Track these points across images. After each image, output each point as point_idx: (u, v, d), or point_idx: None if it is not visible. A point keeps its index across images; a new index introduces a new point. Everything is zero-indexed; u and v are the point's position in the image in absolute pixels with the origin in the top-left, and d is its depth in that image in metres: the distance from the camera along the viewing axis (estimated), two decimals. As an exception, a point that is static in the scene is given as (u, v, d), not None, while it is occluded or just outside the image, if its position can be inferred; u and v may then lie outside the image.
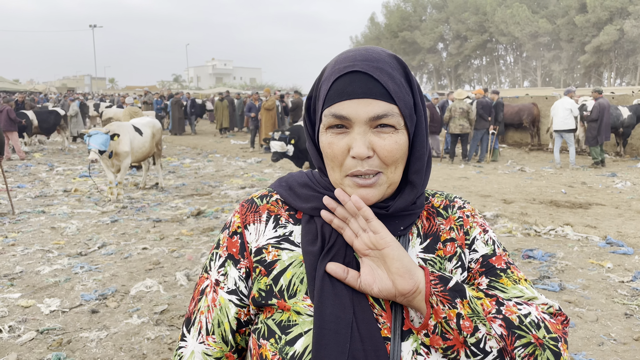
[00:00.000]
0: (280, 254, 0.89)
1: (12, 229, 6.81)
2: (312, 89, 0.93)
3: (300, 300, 0.85)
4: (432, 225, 0.95)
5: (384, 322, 0.83)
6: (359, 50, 0.87)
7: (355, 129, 0.83)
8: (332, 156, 0.85)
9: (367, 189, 0.84)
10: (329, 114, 0.84)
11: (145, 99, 22.47)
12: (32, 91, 35.06)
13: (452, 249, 0.92)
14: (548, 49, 60.55)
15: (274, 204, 0.95)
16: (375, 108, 0.82)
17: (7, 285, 4.83)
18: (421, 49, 68.86)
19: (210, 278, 0.93)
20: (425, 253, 0.91)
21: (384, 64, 0.84)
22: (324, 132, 0.86)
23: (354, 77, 0.83)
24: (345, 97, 0.82)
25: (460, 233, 0.95)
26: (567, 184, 9.78)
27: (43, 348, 3.66)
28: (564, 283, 4.73)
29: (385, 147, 0.83)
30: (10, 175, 11.25)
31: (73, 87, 59.48)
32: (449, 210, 0.98)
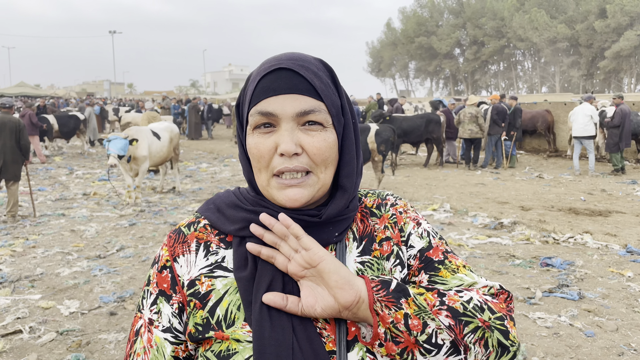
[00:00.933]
0: (214, 283, 0.85)
1: (33, 231, 6.93)
2: (239, 95, 0.90)
3: (239, 328, 0.81)
4: (366, 227, 0.93)
5: (328, 336, 0.81)
6: (285, 53, 0.87)
7: (283, 126, 0.81)
8: (259, 156, 0.82)
9: (296, 189, 0.81)
10: (255, 113, 0.82)
11: (163, 104, 22.73)
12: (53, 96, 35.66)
13: (389, 248, 0.91)
14: (567, 55, 59.89)
15: (202, 231, 0.90)
16: (302, 103, 0.80)
17: (28, 286, 4.91)
18: (437, 55, 68.57)
19: (143, 317, 0.88)
20: (362, 256, 0.89)
21: (310, 64, 0.84)
22: (251, 134, 0.84)
23: (280, 74, 0.81)
24: (271, 94, 0.80)
25: (395, 230, 0.93)
26: (587, 191, 9.65)
27: (62, 349, 3.72)
28: (583, 292, 4.67)
29: (313, 144, 0.81)
30: (31, 178, 11.44)
31: (92, 92, 60.36)
32: (382, 208, 0.96)
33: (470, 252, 5.93)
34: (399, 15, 72.97)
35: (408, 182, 10.75)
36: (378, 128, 9.07)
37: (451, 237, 6.51)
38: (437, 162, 13.27)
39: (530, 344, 3.73)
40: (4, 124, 7.15)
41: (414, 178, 11.34)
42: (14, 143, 7.20)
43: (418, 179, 11.15)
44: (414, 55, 71.13)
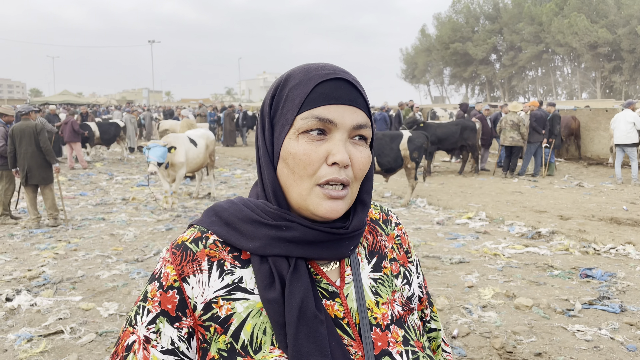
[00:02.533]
0: (234, 306, 0.80)
1: (75, 234, 7.16)
2: (271, 95, 0.85)
3: (268, 353, 0.78)
4: (376, 242, 0.94)
5: (355, 352, 0.81)
6: (327, 63, 0.85)
7: (337, 136, 0.79)
8: (306, 163, 0.78)
9: (337, 201, 0.80)
10: (309, 117, 0.78)
11: (199, 112, 23.15)
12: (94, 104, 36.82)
13: (397, 268, 0.93)
14: (608, 60, 58.17)
15: (212, 247, 0.83)
16: (359, 117, 0.81)
17: (70, 288, 5.07)
18: (473, 61, 67.66)
19: (137, 333, 0.81)
20: (374, 272, 0.90)
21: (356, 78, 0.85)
22: (295, 139, 0.80)
23: (340, 84, 0.80)
24: (333, 102, 0.79)
25: (401, 252, 0.96)
26: (629, 200, 9.33)
27: (102, 350, 3.82)
28: (625, 304, 4.51)
29: (361, 160, 0.81)
30: (73, 183, 11.84)
31: (132, 99, 62.07)
32: (388, 226, 0.98)
33: (507, 261, 5.82)
34: (434, 21, 72.43)
35: (442, 190, 10.62)
36: (411, 135, 9.01)
37: (487, 246, 6.39)
38: (472, 170, 13.07)
39: (569, 358, 3.63)
40: (22, 131, 7.40)
41: (448, 185, 11.20)
42: (35, 148, 7.41)
43: (453, 187, 11.01)
44: (448, 61, 70.37)
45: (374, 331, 0.83)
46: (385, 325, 0.85)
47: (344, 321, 0.83)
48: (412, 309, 0.92)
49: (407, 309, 0.91)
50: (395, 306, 0.89)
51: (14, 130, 7.42)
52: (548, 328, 4.11)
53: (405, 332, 0.87)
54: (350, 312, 0.83)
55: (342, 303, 0.84)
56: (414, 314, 0.93)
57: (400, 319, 0.88)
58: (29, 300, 4.70)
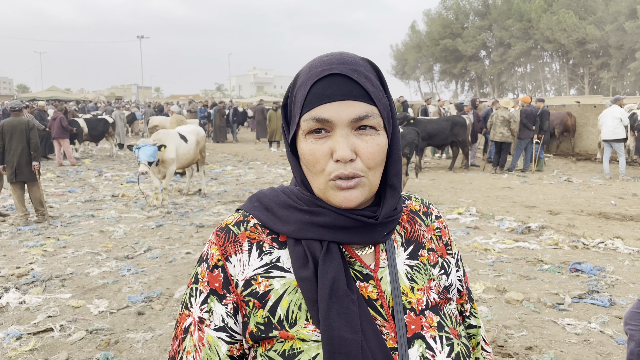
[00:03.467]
0: (271, 283, 0.85)
1: (64, 231, 7.09)
2: (287, 96, 0.90)
3: (302, 327, 0.82)
4: (414, 231, 0.96)
5: (387, 333, 0.83)
6: (333, 54, 0.86)
7: (337, 132, 0.81)
8: (314, 162, 0.82)
9: (350, 191, 0.82)
10: (308, 119, 0.82)
11: (190, 108, 23.02)
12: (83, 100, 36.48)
13: (435, 258, 0.95)
14: (596, 56, 58.64)
15: (253, 230, 0.89)
16: (356, 109, 0.81)
17: (59, 285, 5.03)
18: (463, 57, 67.86)
19: (192, 315, 0.87)
20: (410, 260, 0.92)
21: (360, 67, 0.84)
22: (304, 138, 0.84)
23: (333, 80, 0.81)
24: (326, 100, 0.80)
25: (440, 244, 0.98)
26: (617, 195, 9.42)
27: (92, 347, 3.79)
28: (614, 298, 4.56)
29: (368, 150, 0.82)
30: (61, 180, 11.73)
31: (121, 95, 61.57)
32: (428, 217, 1.00)
33: (497, 256, 5.85)
34: (424, 17, 72.50)
35: (433, 185, 10.66)
36: (402, 131, 9.02)
37: (477, 241, 6.43)
38: (462, 165, 13.13)
39: (559, 351, 3.66)
40: (14, 127, 7.31)
41: (439, 181, 11.24)
42: (25, 144, 7.35)
43: (443, 182, 11.05)
44: (438, 57, 70.52)
45: (407, 314, 0.85)
46: (420, 310, 0.87)
47: (377, 302, 0.85)
48: (449, 299, 0.93)
49: (444, 298, 0.92)
50: (432, 293, 0.90)
51: (4, 126, 7.32)
52: (538, 322, 4.14)
53: (441, 319, 0.88)
54: (384, 295, 0.86)
55: (376, 285, 0.86)
56: (451, 304, 0.93)
57: (436, 305, 0.89)
58: (17, 298, 4.65)
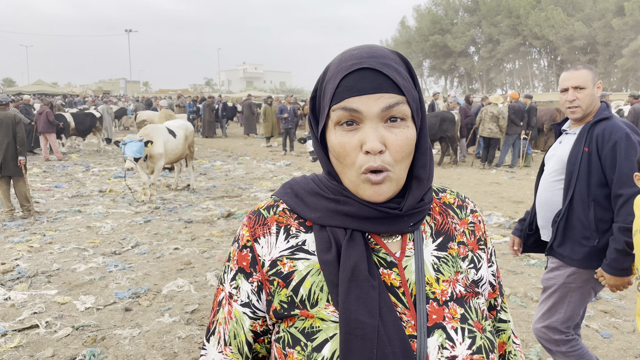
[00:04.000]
0: (295, 264, 0.88)
1: (50, 227, 7.02)
2: (316, 88, 0.91)
3: (323, 308, 0.84)
4: (445, 223, 0.96)
5: (407, 320, 0.84)
6: (363, 48, 0.86)
7: (367, 124, 0.82)
8: (344, 154, 0.84)
9: (379, 186, 0.83)
10: (338, 109, 0.83)
11: (178, 102, 22.88)
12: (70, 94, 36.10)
13: (465, 251, 0.95)
14: (584, 53, 59.14)
15: (281, 214, 0.93)
16: (386, 100, 0.82)
17: (45, 282, 4.98)
18: (452, 53, 68.11)
19: (224, 290, 0.94)
20: (438, 251, 0.92)
21: (390, 60, 0.84)
22: (333, 130, 0.85)
23: (363, 74, 0.82)
24: (356, 93, 0.82)
25: (472, 238, 0.97)
26: (603, 191, 9.51)
27: (78, 344, 3.76)
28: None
29: (397, 142, 0.83)
30: (48, 175, 11.61)
31: (109, 90, 61.01)
32: (462, 211, 0.99)
33: (485, 251, 5.88)
34: (414, 13, 72.65)
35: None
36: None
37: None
38: (451, 161, 13.19)
39: (545, 345, 3.69)
40: (0, 121, 7.23)
41: (427, 177, 11.28)
42: (11, 139, 7.25)
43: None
44: (428, 53, 70.72)
45: (430, 304, 0.86)
46: (444, 300, 0.87)
47: (400, 290, 0.86)
48: (477, 293, 0.93)
49: (471, 291, 0.91)
50: (458, 286, 0.90)
51: None
52: (525, 316, 4.17)
53: (465, 311, 0.88)
54: (407, 283, 0.87)
55: (400, 273, 0.87)
56: (479, 298, 0.93)
57: (461, 298, 0.89)
58: (2, 294, 4.60)
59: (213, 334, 0.95)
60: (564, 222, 2.53)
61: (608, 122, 2.50)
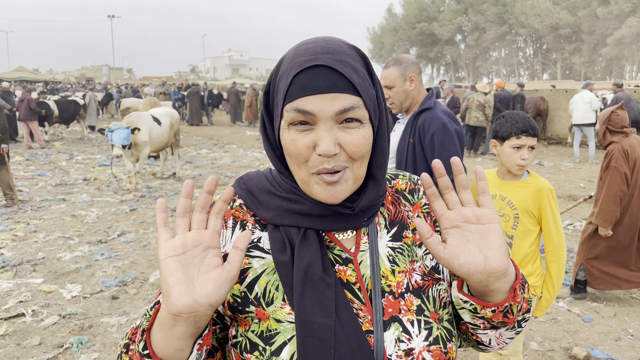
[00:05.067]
0: (250, 262, 0.86)
1: (34, 215, 6.95)
2: (269, 83, 0.87)
3: (279, 308, 0.83)
4: (398, 212, 0.93)
5: (364, 316, 0.83)
6: (319, 41, 0.82)
7: (321, 126, 0.78)
8: (297, 153, 0.80)
9: (335, 187, 0.81)
10: (291, 110, 0.79)
11: (163, 90, 22.63)
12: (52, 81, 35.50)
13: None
14: (569, 41, 59.55)
15: (238, 210, 0.91)
16: (341, 102, 0.78)
17: (30, 270, 4.94)
18: (439, 41, 68.14)
19: None
20: (393, 241, 0.90)
21: (347, 56, 0.81)
22: (286, 129, 0.81)
23: (317, 72, 0.78)
24: (309, 92, 0.77)
25: (428, 220, 0.95)
26: (586, 178, 9.67)
27: (65, 332, 3.76)
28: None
29: (352, 142, 0.79)
30: (31, 163, 11.46)
31: (91, 77, 60.10)
32: (415, 195, 0.97)
33: (470, 238, 5.96)
34: (400, 0, 72.39)
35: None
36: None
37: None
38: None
39: (528, 329, 3.77)
40: None
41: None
42: None
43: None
44: (415, 41, 70.64)
45: (386, 297, 0.85)
46: (400, 293, 0.86)
47: (356, 286, 0.85)
48: (437, 279, 0.91)
49: (430, 279, 0.90)
50: (414, 275, 0.89)
51: None
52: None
53: (422, 302, 0.87)
54: (362, 278, 0.86)
55: (355, 269, 0.86)
56: (440, 284, 0.91)
57: (418, 288, 0.88)
58: (-13, 284, 4.56)
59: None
60: None
61: (429, 112, 2.58)
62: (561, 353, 3.46)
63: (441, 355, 0.84)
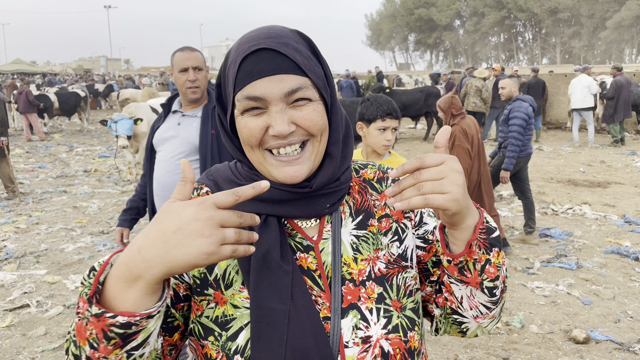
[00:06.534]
0: None
1: (36, 208, 6.98)
2: (219, 75, 0.87)
3: (237, 292, 0.83)
4: (364, 201, 0.94)
5: (323, 303, 0.83)
6: (261, 29, 0.85)
7: (272, 109, 0.80)
8: (249, 135, 0.82)
9: (295, 166, 0.82)
10: (242, 98, 0.81)
11: (161, 80, 22.56)
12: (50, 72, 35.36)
13: (387, 225, 0.93)
14: (568, 25, 59.22)
15: (204, 196, 0.84)
16: (288, 83, 0.79)
17: (33, 262, 4.98)
18: (437, 27, 67.79)
19: None
20: (358, 230, 0.91)
21: (288, 39, 0.82)
22: (240, 117, 0.83)
23: (261, 56, 0.80)
24: (256, 77, 0.79)
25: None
26: (586, 162, 9.68)
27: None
28: (581, 261, 4.74)
29: (305, 117, 0.81)
30: (31, 155, 11.47)
31: (89, 68, 59.86)
32: (382, 184, 0.97)
33: (470, 224, 5.99)
34: (398, -14, 71.84)
35: (408, 156, 10.75)
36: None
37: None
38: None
39: (528, 312, 3.81)
40: None
41: (413, 152, 11.35)
42: None
43: (418, 153, 11.17)
44: (413, 27, 70.29)
45: (346, 285, 0.85)
46: (361, 280, 0.87)
47: (316, 273, 0.86)
48: (404, 267, 0.92)
49: (395, 267, 0.90)
50: (378, 263, 0.89)
51: None
52: (509, 286, 4.29)
53: (384, 290, 0.87)
54: (323, 265, 0.86)
55: (316, 256, 0.87)
56: (407, 272, 0.92)
57: (382, 276, 0.88)
58: (-9, 276, 4.60)
59: None
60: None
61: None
62: (561, 335, 3.50)
63: (400, 344, 0.84)
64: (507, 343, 3.41)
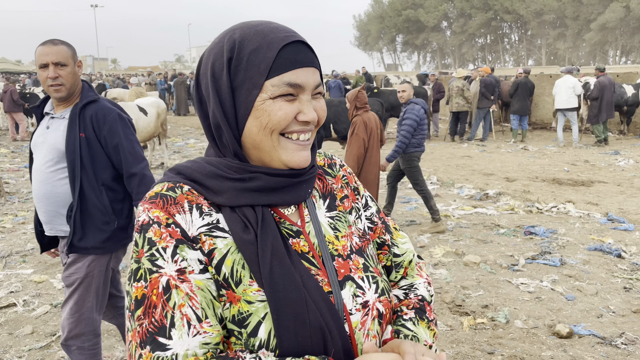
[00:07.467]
0: (215, 242, 0.85)
1: (22, 207, 6.92)
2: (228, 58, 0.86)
3: (248, 286, 0.84)
4: (326, 185, 1.02)
5: (322, 280, 0.89)
6: (275, 23, 0.90)
7: (304, 97, 0.87)
8: (283, 118, 0.84)
9: (306, 151, 0.90)
10: (280, 83, 0.84)
11: (149, 80, 22.42)
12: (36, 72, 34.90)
13: (349, 204, 1.03)
14: (553, 27, 59.85)
15: (189, 194, 0.87)
16: (316, 76, 0.88)
17: (20, 261, 4.95)
18: (425, 28, 68.14)
19: (165, 274, 0.81)
20: (329, 211, 0.99)
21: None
22: (270, 101, 0.84)
23: (299, 47, 0.86)
24: (298, 65, 0.85)
25: (349, 190, 1.06)
26: (570, 162, 9.82)
27: (57, 321, 3.78)
28: (565, 258, 4.82)
29: (322, 108, 0.90)
30: (16, 155, 11.35)
31: (75, 67, 59.16)
32: (333, 169, 1.07)
33: (457, 222, 6.06)
34: (386, -13, 72.07)
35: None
36: (365, 101, 9.08)
37: (438, 208, 6.62)
38: (424, 136, 13.35)
39: (513, 308, 3.87)
40: None
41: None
42: None
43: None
44: (401, 28, 70.59)
45: (336, 260, 0.93)
46: (347, 254, 0.95)
47: (309, 254, 0.91)
48: (368, 240, 1.02)
49: (365, 240, 1.01)
50: (354, 238, 0.99)
51: None
52: (494, 282, 4.35)
53: (365, 260, 0.96)
54: (314, 246, 0.93)
55: (306, 239, 0.93)
56: (372, 243, 1.04)
57: (360, 249, 0.98)
58: (-24, 275, 4.56)
59: (174, 325, 0.79)
60: (80, 214, 2.37)
61: (98, 104, 2.41)
62: (545, 330, 3.57)
63: (387, 304, 0.96)
64: (492, 338, 3.47)
